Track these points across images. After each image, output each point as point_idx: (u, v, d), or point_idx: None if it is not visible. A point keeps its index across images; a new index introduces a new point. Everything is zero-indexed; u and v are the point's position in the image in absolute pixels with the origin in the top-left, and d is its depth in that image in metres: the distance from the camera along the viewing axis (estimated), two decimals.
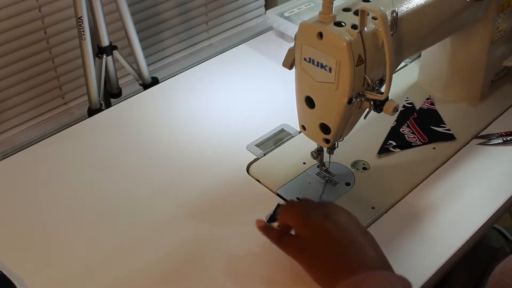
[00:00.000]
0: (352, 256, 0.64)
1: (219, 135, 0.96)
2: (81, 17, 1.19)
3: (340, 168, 0.88)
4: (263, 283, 0.73)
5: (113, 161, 0.92)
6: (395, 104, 0.72)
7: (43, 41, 1.33)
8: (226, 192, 0.86)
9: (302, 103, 0.78)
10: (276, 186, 0.85)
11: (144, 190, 0.86)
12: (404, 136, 0.93)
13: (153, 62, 1.57)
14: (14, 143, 1.35)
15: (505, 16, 0.93)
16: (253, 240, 0.78)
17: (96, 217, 0.82)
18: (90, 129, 0.99)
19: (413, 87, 1.04)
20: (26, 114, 1.38)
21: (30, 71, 1.34)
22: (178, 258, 0.76)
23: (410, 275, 0.72)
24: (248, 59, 1.15)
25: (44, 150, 0.94)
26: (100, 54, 1.26)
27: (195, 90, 1.07)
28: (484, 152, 0.91)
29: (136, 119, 1.00)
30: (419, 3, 0.76)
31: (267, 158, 0.91)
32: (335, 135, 0.77)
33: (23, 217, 0.82)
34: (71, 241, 0.79)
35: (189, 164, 0.91)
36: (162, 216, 0.82)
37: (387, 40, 0.68)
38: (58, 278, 0.74)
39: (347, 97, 0.71)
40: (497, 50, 0.97)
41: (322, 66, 0.71)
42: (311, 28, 0.71)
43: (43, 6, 1.30)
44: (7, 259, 0.76)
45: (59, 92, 1.42)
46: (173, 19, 1.56)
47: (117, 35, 1.41)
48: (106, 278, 0.74)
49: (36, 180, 0.89)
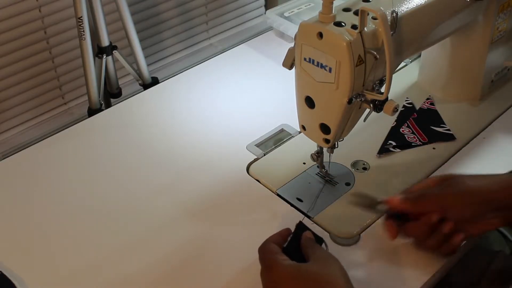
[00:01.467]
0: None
1: (219, 135, 0.96)
2: (81, 17, 1.19)
3: (340, 168, 0.88)
4: None
5: (113, 161, 0.92)
6: (395, 104, 0.72)
7: (43, 41, 1.33)
8: (226, 192, 0.86)
9: (302, 103, 0.78)
10: (276, 186, 0.85)
11: (144, 190, 0.86)
12: (404, 136, 0.93)
13: (153, 62, 1.57)
14: (14, 143, 1.35)
15: (505, 16, 0.93)
16: (253, 240, 0.78)
17: (96, 217, 0.82)
18: (90, 129, 0.99)
19: (413, 87, 1.04)
20: (26, 114, 1.38)
21: (30, 71, 1.34)
22: (178, 258, 0.76)
23: (409, 277, 0.72)
24: (248, 59, 1.15)
25: (44, 150, 0.94)
26: (100, 54, 1.26)
27: (195, 90, 1.07)
28: (484, 152, 0.91)
29: (136, 119, 1.00)
30: (419, 3, 0.76)
31: (267, 158, 0.91)
32: (335, 135, 0.77)
33: (23, 217, 0.82)
34: (71, 241, 0.79)
35: (189, 164, 0.91)
36: (162, 216, 0.82)
37: (387, 40, 0.68)
38: (58, 278, 0.74)
39: (347, 97, 0.71)
40: (497, 50, 0.97)
41: (322, 66, 0.71)
42: (311, 28, 0.71)
43: (43, 6, 1.30)
44: (7, 259, 0.76)
45: (59, 92, 1.42)
46: (173, 19, 1.56)
47: (117, 35, 1.41)
48: (106, 278, 0.74)
49: (36, 180, 0.89)
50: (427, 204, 0.70)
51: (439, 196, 0.70)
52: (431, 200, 0.70)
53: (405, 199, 0.71)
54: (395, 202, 0.72)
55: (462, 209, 0.69)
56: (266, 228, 0.79)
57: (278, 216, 0.81)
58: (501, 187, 0.69)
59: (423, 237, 0.71)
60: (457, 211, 0.69)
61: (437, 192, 0.71)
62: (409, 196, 0.72)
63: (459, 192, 0.69)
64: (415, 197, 0.71)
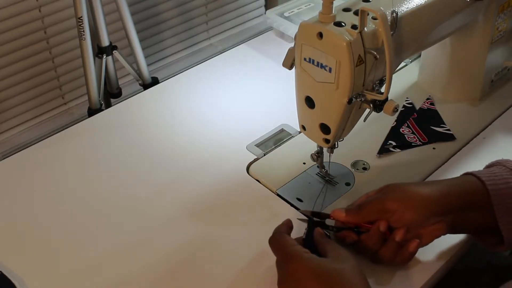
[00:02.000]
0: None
1: (219, 135, 0.96)
2: (81, 17, 1.19)
3: (340, 168, 0.88)
4: (263, 283, 0.73)
5: (113, 161, 0.92)
6: (395, 104, 0.72)
7: (43, 41, 1.33)
8: (226, 192, 0.86)
9: (302, 103, 0.78)
10: (276, 186, 0.85)
11: (144, 190, 0.86)
12: (404, 136, 0.93)
13: (153, 62, 1.57)
14: (14, 143, 1.35)
15: (505, 16, 0.93)
16: (253, 240, 0.78)
17: (96, 217, 0.82)
18: (90, 129, 0.99)
19: (413, 87, 1.04)
20: (26, 114, 1.38)
21: (30, 71, 1.34)
22: (178, 258, 0.76)
23: (409, 277, 0.72)
24: (248, 59, 1.15)
25: (44, 150, 0.94)
26: (100, 54, 1.26)
27: (195, 90, 1.07)
28: (484, 152, 0.91)
29: (136, 119, 1.00)
30: (419, 3, 0.76)
31: (267, 158, 0.91)
32: (335, 135, 0.77)
33: (23, 217, 0.82)
34: (71, 241, 0.79)
35: (189, 164, 0.91)
36: (162, 216, 0.82)
37: (387, 40, 0.68)
38: (58, 278, 0.74)
39: (347, 97, 0.71)
40: (497, 50, 0.97)
41: (322, 66, 0.71)
42: (311, 28, 0.71)
43: (43, 6, 1.30)
44: (7, 259, 0.76)
45: (59, 92, 1.42)
46: (173, 19, 1.56)
47: (117, 35, 1.41)
48: (106, 278, 0.74)
49: (36, 180, 0.89)
50: (368, 212, 0.70)
51: (378, 202, 0.70)
52: (372, 207, 0.70)
53: (348, 210, 0.72)
54: (339, 215, 0.72)
55: (403, 213, 0.68)
56: (266, 228, 0.79)
57: (278, 216, 0.81)
58: (441, 192, 0.69)
59: (376, 248, 0.70)
60: (399, 216, 0.69)
61: (376, 198, 0.71)
62: (351, 207, 0.73)
63: (398, 197, 0.69)
64: (356, 207, 0.72)
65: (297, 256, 0.65)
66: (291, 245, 0.66)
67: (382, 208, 0.69)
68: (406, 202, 0.69)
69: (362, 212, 0.71)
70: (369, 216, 0.70)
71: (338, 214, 0.72)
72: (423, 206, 0.68)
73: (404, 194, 0.70)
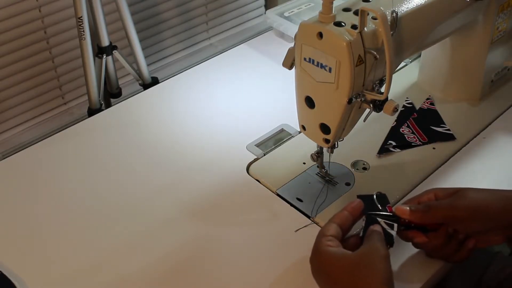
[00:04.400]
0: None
1: (219, 135, 0.96)
2: (81, 17, 1.19)
3: (340, 168, 0.88)
4: (263, 282, 0.73)
5: (113, 161, 0.92)
6: (395, 104, 0.72)
7: (43, 41, 1.33)
8: (226, 192, 0.86)
9: (302, 103, 0.78)
10: (276, 186, 0.85)
11: (144, 190, 0.86)
12: (404, 136, 0.93)
13: (153, 62, 1.57)
14: (14, 143, 1.35)
15: (505, 16, 0.93)
16: (253, 240, 0.78)
17: (96, 217, 0.82)
18: (90, 129, 0.99)
19: (413, 87, 1.04)
20: (26, 114, 1.38)
21: (30, 71, 1.34)
22: (178, 258, 0.76)
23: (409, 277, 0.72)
24: (248, 59, 1.15)
25: (44, 150, 0.94)
26: (100, 54, 1.26)
27: (195, 90, 1.07)
28: (484, 152, 0.91)
29: (136, 119, 1.00)
30: (419, 3, 0.76)
31: (267, 158, 0.91)
32: (335, 135, 0.77)
33: (23, 217, 0.82)
34: (71, 241, 0.79)
35: (189, 164, 0.91)
36: (162, 216, 0.82)
37: (387, 40, 0.68)
38: (58, 278, 0.74)
39: (347, 97, 0.71)
40: (497, 50, 0.97)
41: (322, 66, 0.71)
42: (311, 28, 0.71)
43: (43, 6, 1.30)
44: (7, 259, 0.76)
45: (59, 92, 1.42)
46: (173, 19, 1.56)
47: (117, 35, 1.41)
48: (106, 278, 0.74)
49: (36, 180, 0.89)
50: (436, 215, 0.71)
51: (449, 209, 0.71)
52: (440, 212, 0.71)
53: (416, 210, 0.72)
54: (404, 212, 0.72)
55: (471, 223, 0.71)
56: (266, 228, 0.79)
57: (278, 216, 0.81)
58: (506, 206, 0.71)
59: (440, 246, 0.72)
60: (466, 225, 0.71)
61: (447, 204, 0.71)
62: (419, 207, 0.72)
63: (470, 206, 0.71)
64: (424, 207, 0.72)
65: (319, 247, 0.68)
66: (320, 236, 0.68)
67: (451, 215, 0.71)
68: (475, 212, 0.70)
69: (430, 214, 0.71)
70: (436, 219, 0.71)
71: (402, 211, 0.72)
72: (490, 219, 0.70)
73: (475, 203, 0.71)
